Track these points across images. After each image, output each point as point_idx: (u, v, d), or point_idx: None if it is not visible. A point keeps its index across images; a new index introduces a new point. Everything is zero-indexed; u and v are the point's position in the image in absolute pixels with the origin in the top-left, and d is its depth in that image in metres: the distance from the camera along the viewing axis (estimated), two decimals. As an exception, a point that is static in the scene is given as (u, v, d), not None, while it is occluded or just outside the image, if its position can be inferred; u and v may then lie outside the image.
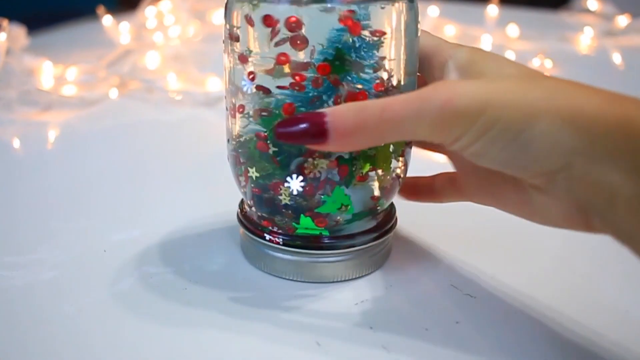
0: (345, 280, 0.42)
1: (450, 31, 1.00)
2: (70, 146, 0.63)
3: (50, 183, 0.55)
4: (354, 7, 0.38)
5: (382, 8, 0.39)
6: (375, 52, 0.39)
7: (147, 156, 0.61)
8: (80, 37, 0.97)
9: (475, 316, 0.39)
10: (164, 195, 0.53)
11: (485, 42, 0.95)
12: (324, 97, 0.39)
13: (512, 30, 0.98)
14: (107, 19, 0.90)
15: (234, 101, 0.41)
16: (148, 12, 0.98)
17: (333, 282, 0.42)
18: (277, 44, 0.38)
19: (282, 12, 0.38)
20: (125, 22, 0.93)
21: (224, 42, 0.41)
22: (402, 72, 0.41)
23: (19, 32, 0.84)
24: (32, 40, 0.86)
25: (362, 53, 0.39)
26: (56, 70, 0.77)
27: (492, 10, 1.00)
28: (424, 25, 1.01)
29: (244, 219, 0.43)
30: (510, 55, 0.89)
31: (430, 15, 1.03)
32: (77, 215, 0.50)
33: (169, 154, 0.61)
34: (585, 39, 0.97)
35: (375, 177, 0.41)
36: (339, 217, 0.41)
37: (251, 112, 0.40)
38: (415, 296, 0.41)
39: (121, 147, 0.63)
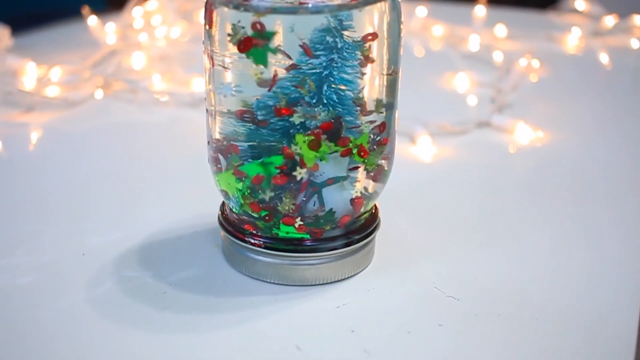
0: (327, 283, 0.41)
1: (438, 31, 0.99)
2: (51, 148, 0.63)
3: (30, 185, 0.55)
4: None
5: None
6: (358, 52, 0.39)
7: (130, 158, 0.60)
8: (65, 37, 0.96)
9: (458, 318, 0.39)
10: (146, 197, 0.53)
11: (473, 42, 0.95)
12: (307, 99, 0.39)
13: (500, 30, 0.98)
14: (93, 20, 0.90)
15: (213, 102, 0.41)
16: (135, 13, 0.97)
17: (315, 285, 0.41)
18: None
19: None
20: (111, 23, 0.92)
21: (203, 43, 0.40)
22: (385, 72, 0.40)
23: (3, 32, 0.83)
24: (16, 40, 0.85)
25: (345, 54, 0.39)
26: (40, 71, 0.76)
27: (480, 10, 0.99)
28: (413, 25, 1.01)
29: (225, 221, 0.43)
30: (498, 55, 0.89)
31: (418, 15, 1.02)
32: (57, 217, 0.49)
33: (152, 155, 0.61)
34: (573, 39, 0.97)
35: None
36: (325, 227, 0.40)
37: (232, 114, 0.39)
38: (397, 298, 0.41)
39: (103, 149, 0.62)
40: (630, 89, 0.83)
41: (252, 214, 0.40)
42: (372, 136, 0.40)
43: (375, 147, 0.40)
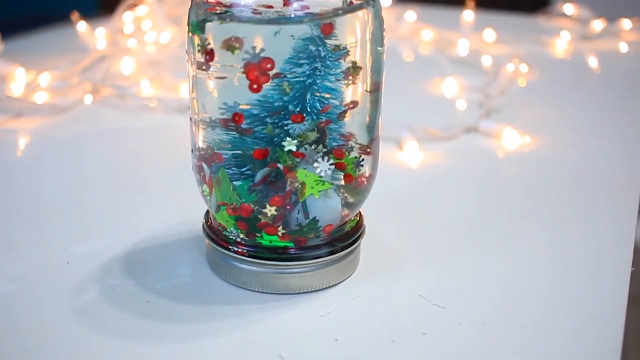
0: (311, 292, 0.41)
1: (427, 36, 0.99)
2: (38, 154, 0.62)
3: (16, 192, 0.54)
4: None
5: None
6: (341, 61, 0.39)
7: (117, 164, 0.60)
8: (54, 43, 0.96)
9: (443, 327, 0.39)
10: (132, 205, 0.53)
11: (462, 47, 0.95)
12: (290, 107, 0.39)
13: (489, 34, 0.98)
14: (82, 25, 0.89)
15: (197, 110, 0.41)
16: (125, 18, 0.97)
17: (299, 293, 0.41)
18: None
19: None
20: (101, 28, 0.92)
21: (187, 52, 0.41)
22: (368, 80, 0.40)
23: (-8, 38, 0.83)
24: (5, 46, 0.85)
25: (328, 62, 0.39)
26: (29, 76, 0.76)
27: (468, 15, 0.99)
28: (402, 30, 1.01)
29: (210, 230, 0.43)
30: (486, 59, 0.89)
31: (407, 20, 1.02)
32: (41, 225, 0.49)
33: (139, 162, 0.61)
34: (562, 43, 0.97)
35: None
36: (309, 235, 0.40)
37: (216, 123, 0.39)
38: (382, 307, 0.41)
39: (90, 155, 0.62)
40: (618, 93, 0.83)
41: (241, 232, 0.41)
42: (358, 157, 0.41)
43: (359, 168, 0.41)
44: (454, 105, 0.76)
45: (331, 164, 0.39)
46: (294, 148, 0.38)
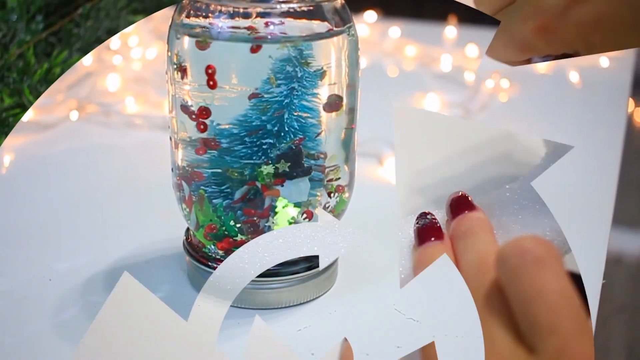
0: (289, 307, 0.42)
1: (411, 52, 1.01)
2: (22, 172, 0.63)
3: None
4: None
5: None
6: (318, 81, 0.40)
7: (100, 181, 0.61)
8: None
9: (417, 340, 0.40)
10: (115, 221, 0.53)
11: (445, 62, 0.96)
12: (269, 127, 0.40)
13: (471, 50, 0.99)
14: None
15: (176, 130, 0.41)
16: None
17: (277, 308, 0.42)
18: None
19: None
20: (87, 44, 0.93)
21: (166, 72, 0.41)
22: (344, 100, 0.41)
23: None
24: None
25: (305, 83, 0.40)
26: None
27: (451, 31, 1.01)
28: (386, 45, 1.02)
29: (190, 246, 0.43)
30: (469, 75, 0.90)
31: (391, 36, 1.04)
32: (24, 242, 0.50)
33: (122, 179, 0.61)
34: (544, 59, 0.99)
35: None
36: None
37: (196, 142, 0.40)
38: (358, 321, 0.41)
39: (74, 173, 0.63)
40: (599, 107, 0.84)
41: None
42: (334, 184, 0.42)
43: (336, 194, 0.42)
44: (436, 120, 0.77)
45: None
46: (271, 171, 0.40)
